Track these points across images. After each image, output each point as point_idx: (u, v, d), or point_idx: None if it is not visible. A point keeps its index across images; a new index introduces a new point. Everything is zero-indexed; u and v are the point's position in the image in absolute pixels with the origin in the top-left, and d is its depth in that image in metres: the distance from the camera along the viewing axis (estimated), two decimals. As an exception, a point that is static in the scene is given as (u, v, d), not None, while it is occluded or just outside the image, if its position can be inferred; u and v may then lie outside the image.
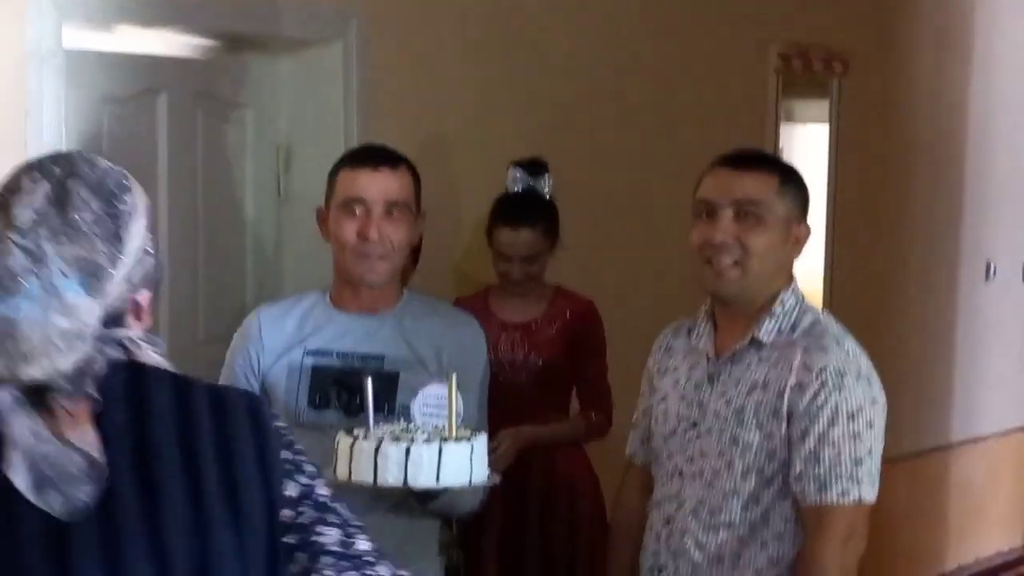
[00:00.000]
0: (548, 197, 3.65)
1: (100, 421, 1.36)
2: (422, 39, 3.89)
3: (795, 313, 2.36)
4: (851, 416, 2.26)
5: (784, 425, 2.28)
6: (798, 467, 2.27)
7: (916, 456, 5.75)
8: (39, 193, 1.36)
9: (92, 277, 1.35)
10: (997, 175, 6.26)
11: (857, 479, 2.26)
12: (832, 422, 2.25)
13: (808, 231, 2.43)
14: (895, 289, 5.71)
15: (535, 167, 3.66)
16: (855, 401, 2.27)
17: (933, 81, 5.84)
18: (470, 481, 2.18)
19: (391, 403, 2.43)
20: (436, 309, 2.64)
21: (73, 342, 1.33)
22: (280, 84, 3.87)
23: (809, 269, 5.63)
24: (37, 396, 1.34)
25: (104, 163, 1.44)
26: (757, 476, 2.31)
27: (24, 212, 1.35)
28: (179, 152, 3.67)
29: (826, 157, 5.31)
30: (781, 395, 2.28)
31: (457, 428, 2.20)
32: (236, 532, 1.39)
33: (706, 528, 2.36)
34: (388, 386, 2.43)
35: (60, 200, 1.36)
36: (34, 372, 1.32)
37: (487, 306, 3.61)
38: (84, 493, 1.33)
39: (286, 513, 1.45)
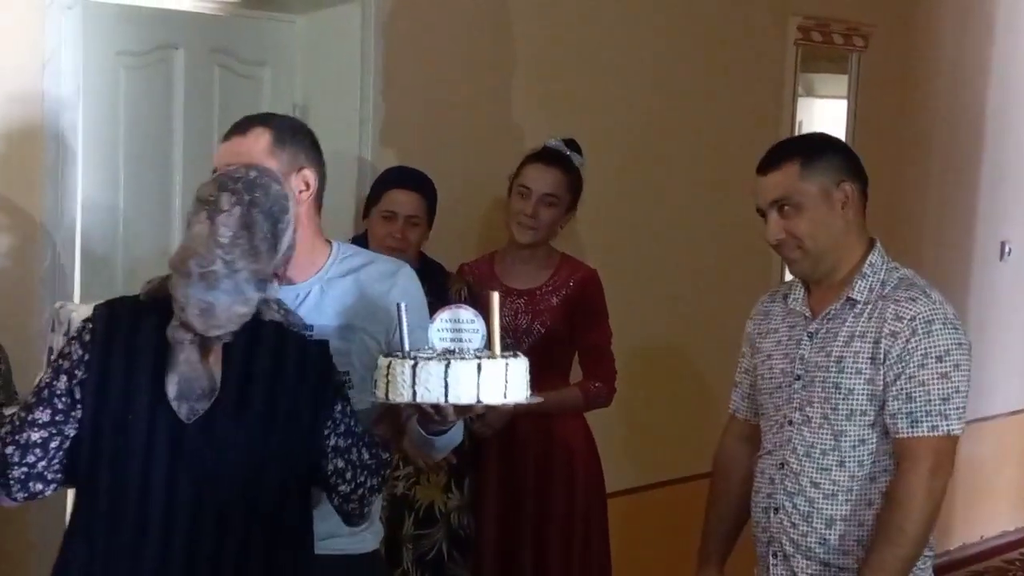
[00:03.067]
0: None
1: (226, 356, 2.10)
2: None
3: (883, 272, 2.62)
4: (939, 359, 2.51)
5: (881, 369, 2.53)
6: (892, 405, 2.52)
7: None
8: (235, 216, 2.10)
9: (262, 281, 2.12)
10: (1015, 154, 6.23)
11: (945, 415, 2.51)
12: (922, 365, 2.50)
13: (851, 187, 2.61)
14: (909, 266, 5.66)
15: (572, 143, 3.67)
16: (943, 345, 2.52)
17: (953, 58, 5.81)
18: (504, 395, 2.19)
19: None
20: (355, 269, 2.46)
21: (244, 319, 2.10)
22: (297, 42, 3.87)
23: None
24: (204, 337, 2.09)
25: (274, 189, 2.16)
26: (861, 417, 2.55)
27: (226, 232, 2.09)
28: (195, 109, 3.68)
29: (843, 132, 5.29)
30: (877, 343, 2.53)
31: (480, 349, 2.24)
32: (284, 442, 2.12)
33: (820, 468, 2.59)
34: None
35: (248, 226, 2.10)
36: (218, 334, 2.08)
37: (492, 270, 3.60)
38: (200, 406, 2.08)
39: (322, 441, 2.16)
